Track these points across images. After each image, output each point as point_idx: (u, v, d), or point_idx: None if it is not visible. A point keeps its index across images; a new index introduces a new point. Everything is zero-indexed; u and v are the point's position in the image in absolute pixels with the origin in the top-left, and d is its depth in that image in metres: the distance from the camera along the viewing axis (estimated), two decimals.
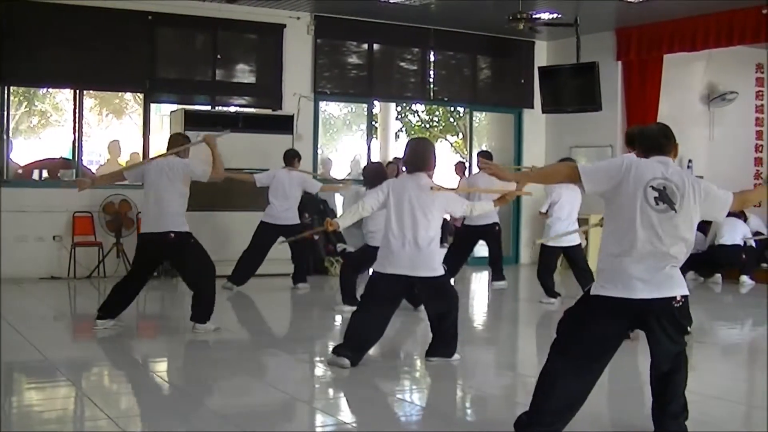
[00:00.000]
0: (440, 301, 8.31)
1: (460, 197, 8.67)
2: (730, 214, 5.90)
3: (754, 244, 15.63)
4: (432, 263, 8.09)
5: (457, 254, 14.45)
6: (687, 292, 5.53)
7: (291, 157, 13.61)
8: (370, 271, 8.75)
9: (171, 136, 10.59)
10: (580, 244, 12.31)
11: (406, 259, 8.02)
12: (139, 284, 9.92)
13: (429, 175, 8.24)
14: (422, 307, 9.69)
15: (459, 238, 14.72)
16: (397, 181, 8.43)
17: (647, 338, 5.62)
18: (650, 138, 5.83)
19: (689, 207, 5.49)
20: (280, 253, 13.51)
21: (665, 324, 5.50)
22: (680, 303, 5.45)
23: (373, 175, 10.90)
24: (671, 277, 5.45)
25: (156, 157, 10.44)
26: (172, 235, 9.61)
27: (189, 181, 9.83)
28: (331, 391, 7.75)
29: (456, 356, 8.42)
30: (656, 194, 5.47)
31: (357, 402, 7.28)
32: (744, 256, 15.37)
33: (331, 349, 8.23)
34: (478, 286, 15.58)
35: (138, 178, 10.22)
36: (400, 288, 8.23)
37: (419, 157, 8.26)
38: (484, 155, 14.39)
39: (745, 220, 15.83)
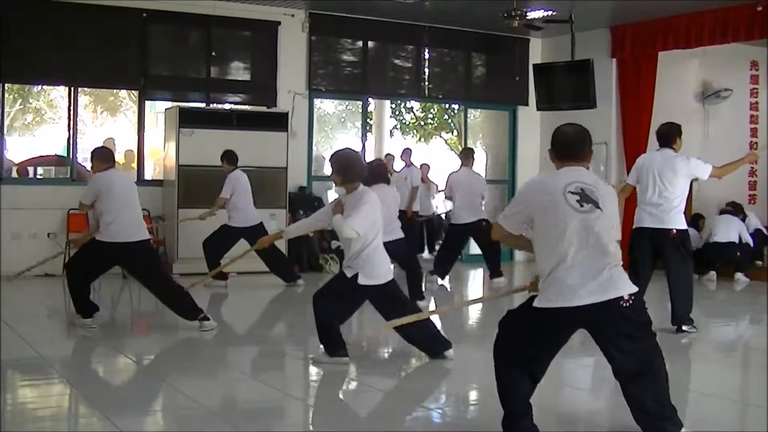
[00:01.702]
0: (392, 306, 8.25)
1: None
2: (724, 211, 5.90)
3: (750, 242, 15.64)
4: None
5: (447, 253, 14.45)
6: (634, 290, 5.35)
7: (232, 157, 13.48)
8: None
9: None
10: None
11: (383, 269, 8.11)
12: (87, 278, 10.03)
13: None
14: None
15: (447, 237, 14.73)
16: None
17: (598, 343, 5.47)
18: (563, 143, 5.80)
19: (609, 205, 5.44)
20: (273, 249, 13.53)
21: (620, 325, 5.33)
22: (629, 302, 5.29)
23: (375, 172, 10.81)
24: (611, 277, 5.32)
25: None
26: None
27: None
28: (325, 389, 7.75)
29: (450, 352, 8.41)
30: (577, 197, 5.39)
31: (351, 399, 7.29)
32: (738, 253, 15.38)
33: (323, 350, 8.20)
34: (474, 283, 15.57)
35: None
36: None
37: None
38: (467, 153, 14.45)
39: (744, 218, 15.85)
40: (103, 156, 9.99)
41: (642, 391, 5.41)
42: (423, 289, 12.28)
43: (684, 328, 9.76)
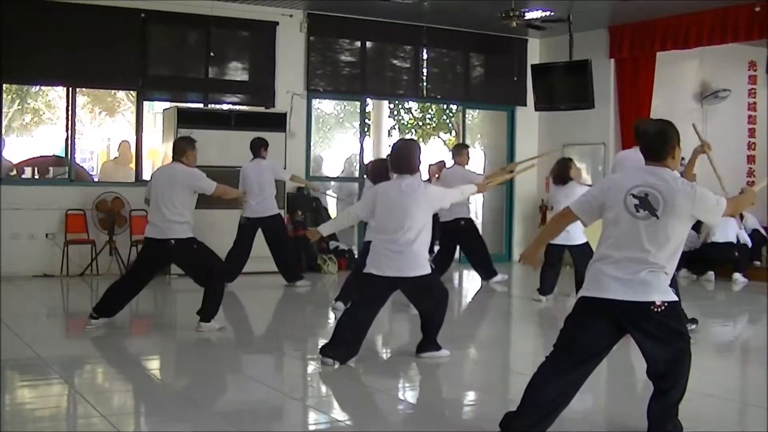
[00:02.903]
0: (427, 299, 8.33)
1: (444, 190, 8.71)
2: None
3: (748, 242, 15.65)
4: (415, 263, 8.10)
5: (442, 253, 14.45)
6: (672, 299, 5.48)
7: (257, 147, 13.50)
8: None
9: (176, 141, 10.53)
10: (586, 243, 12.20)
11: (393, 261, 8.07)
12: (137, 285, 9.89)
13: (415, 177, 8.27)
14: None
15: (440, 237, 14.71)
16: (385, 184, 8.45)
17: (635, 341, 5.59)
18: (645, 141, 5.82)
19: (674, 213, 5.46)
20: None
21: (649, 328, 5.47)
22: (661, 309, 5.41)
23: (378, 171, 10.76)
24: (648, 282, 5.42)
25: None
26: (173, 242, 9.62)
27: (192, 191, 9.82)
28: (324, 389, 7.75)
29: (445, 351, 8.43)
30: (636, 201, 5.50)
31: (350, 399, 7.28)
32: (737, 253, 15.39)
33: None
34: (470, 283, 15.56)
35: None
36: (386, 289, 8.24)
37: (403, 160, 8.30)
38: (459, 150, 14.38)
39: (742, 218, 15.84)
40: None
41: (671, 382, 5.66)
42: None
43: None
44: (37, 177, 15.37)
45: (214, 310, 9.73)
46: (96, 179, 17.23)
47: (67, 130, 15.18)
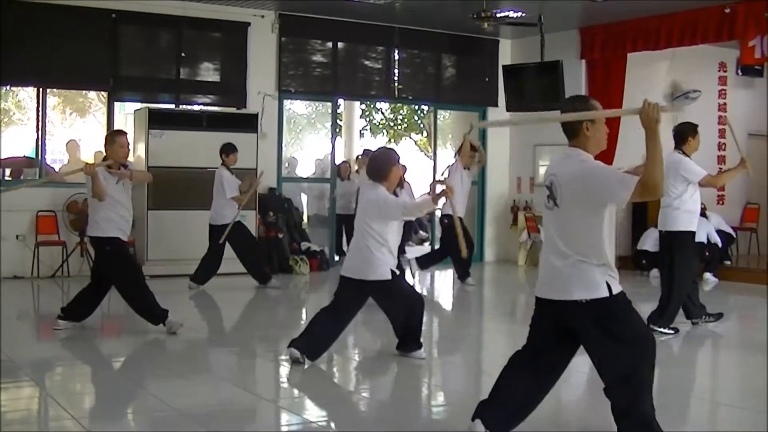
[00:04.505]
0: (390, 303, 8.35)
1: (395, 201, 8.43)
2: None
3: (719, 242, 15.70)
4: (371, 268, 8.10)
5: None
6: (598, 295, 5.10)
7: (220, 153, 13.39)
8: None
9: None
10: None
11: (356, 264, 8.16)
12: (102, 290, 9.86)
13: (386, 187, 8.26)
14: None
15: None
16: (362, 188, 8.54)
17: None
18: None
19: (571, 197, 5.20)
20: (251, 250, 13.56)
21: (581, 330, 5.21)
22: (588, 305, 5.10)
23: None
24: (570, 276, 5.14)
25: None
26: (92, 239, 9.74)
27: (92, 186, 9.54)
28: (295, 390, 7.76)
29: (420, 352, 8.44)
30: (548, 192, 5.35)
31: (322, 400, 7.29)
32: (707, 253, 15.44)
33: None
34: (443, 284, 15.58)
35: None
36: (357, 291, 8.26)
37: (377, 169, 8.33)
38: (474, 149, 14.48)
39: (706, 217, 15.90)
40: None
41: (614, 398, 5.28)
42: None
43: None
44: (9, 178, 15.26)
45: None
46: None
47: (37, 131, 15.11)
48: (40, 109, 15.07)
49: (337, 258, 16.96)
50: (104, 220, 9.47)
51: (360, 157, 18.52)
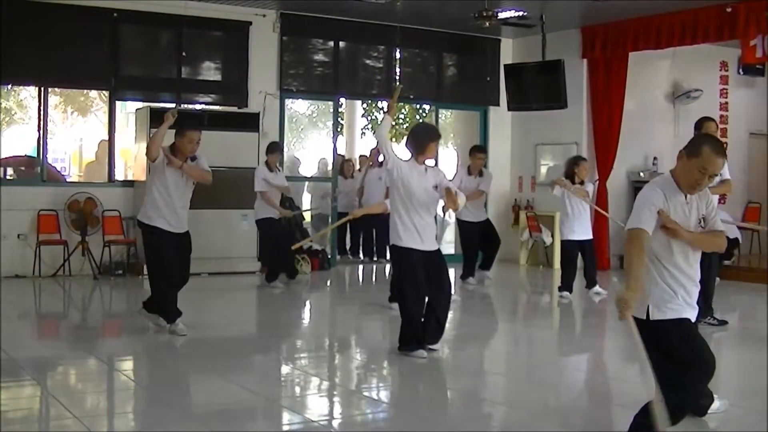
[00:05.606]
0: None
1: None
2: None
3: (739, 237, 15.65)
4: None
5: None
6: None
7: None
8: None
9: None
10: (591, 240, 12.58)
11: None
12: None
13: (420, 160, 9.02)
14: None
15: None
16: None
17: None
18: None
19: None
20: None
21: None
22: None
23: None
24: None
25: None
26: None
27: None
28: (297, 390, 7.74)
29: (421, 351, 8.45)
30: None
31: (323, 399, 7.29)
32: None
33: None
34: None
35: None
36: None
37: (417, 142, 9.11)
38: (479, 150, 14.52)
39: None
40: None
41: None
42: None
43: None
44: (10, 177, 15.27)
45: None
46: (68, 179, 17.14)
47: (39, 130, 15.09)
48: (42, 108, 15.06)
49: (339, 257, 16.94)
50: (152, 208, 9.56)
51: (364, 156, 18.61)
